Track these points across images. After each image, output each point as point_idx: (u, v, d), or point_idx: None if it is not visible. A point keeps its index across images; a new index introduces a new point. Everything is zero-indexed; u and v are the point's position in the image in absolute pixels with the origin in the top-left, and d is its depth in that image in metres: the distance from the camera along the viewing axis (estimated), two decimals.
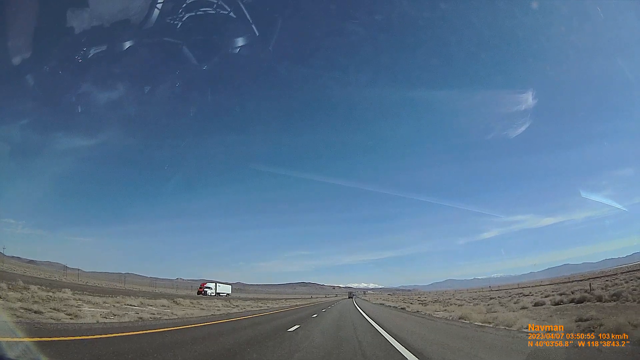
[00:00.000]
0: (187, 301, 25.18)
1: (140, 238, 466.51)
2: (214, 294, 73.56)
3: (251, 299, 60.20)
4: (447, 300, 42.55)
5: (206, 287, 76.76)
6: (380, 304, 48.86)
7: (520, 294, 41.54)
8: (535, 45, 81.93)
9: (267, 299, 63.89)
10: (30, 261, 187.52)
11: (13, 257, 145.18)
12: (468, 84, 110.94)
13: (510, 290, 59.92)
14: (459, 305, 26.22)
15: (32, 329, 7.18)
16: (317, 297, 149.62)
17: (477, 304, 25.97)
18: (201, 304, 24.94)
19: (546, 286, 57.03)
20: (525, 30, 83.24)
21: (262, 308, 29.88)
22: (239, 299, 53.50)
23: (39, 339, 6.15)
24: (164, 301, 21.55)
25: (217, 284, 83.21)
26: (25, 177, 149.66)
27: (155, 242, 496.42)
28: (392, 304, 41.27)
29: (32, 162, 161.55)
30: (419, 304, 36.21)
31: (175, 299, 24.88)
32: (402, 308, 30.86)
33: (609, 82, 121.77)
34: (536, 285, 70.50)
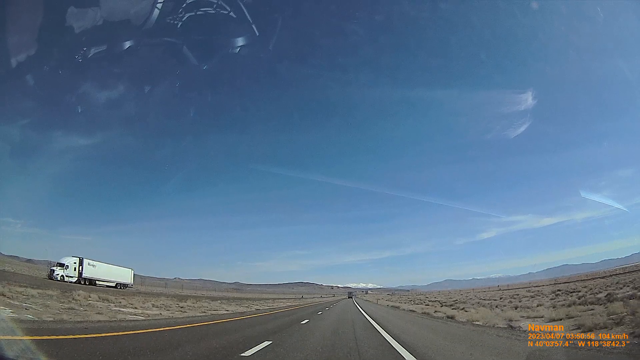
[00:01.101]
0: (114, 297, 18.83)
1: (139, 238, 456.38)
2: (73, 279, 42.02)
3: (222, 297, 49.15)
4: (469, 301, 34.85)
5: (55, 265, 42.75)
6: (392, 306, 36.64)
7: (557, 291, 34.17)
8: (535, 45, 76.57)
9: (247, 299, 55.08)
10: (28, 260, 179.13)
11: (11, 256, 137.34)
12: (468, 84, 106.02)
13: (532, 289, 52.39)
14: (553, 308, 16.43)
15: None
16: (312, 297, 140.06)
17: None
18: (124, 303, 17.65)
19: (564, 284, 49.92)
20: (525, 30, 77.86)
21: (195, 316, 17.44)
22: (209, 298, 43.14)
23: None
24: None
25: (89, 262, 45.13)
26: (24, 176, 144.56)
27: (154, 241, 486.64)
28: (412, 308, 29.23)
29: (32, 161, 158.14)
30: (446, 306, 27.04)
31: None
32: (449, 317, 17.98)
33: (609, 82, 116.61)
34: (549, 285, 64.22)
